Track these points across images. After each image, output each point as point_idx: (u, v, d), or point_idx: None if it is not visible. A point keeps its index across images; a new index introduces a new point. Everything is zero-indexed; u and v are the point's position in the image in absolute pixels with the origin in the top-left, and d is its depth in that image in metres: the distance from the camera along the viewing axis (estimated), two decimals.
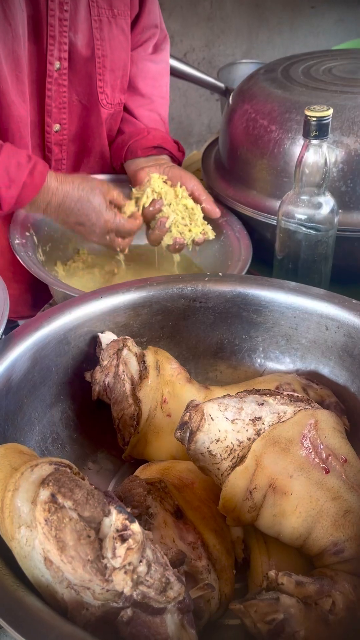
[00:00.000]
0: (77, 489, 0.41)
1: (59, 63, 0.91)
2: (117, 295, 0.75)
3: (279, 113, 0.91)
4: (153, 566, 0.40)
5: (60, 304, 0.73)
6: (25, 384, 0.66)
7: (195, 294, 0.78)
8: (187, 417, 0.53)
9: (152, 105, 1.09)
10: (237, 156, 0.98)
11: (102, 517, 0.41)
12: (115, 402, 0.68)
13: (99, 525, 0.41)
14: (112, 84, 0.99)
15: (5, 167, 0.83)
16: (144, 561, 0.39)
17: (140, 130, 1.04)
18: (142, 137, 1.03)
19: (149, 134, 1.04)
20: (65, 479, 0.42)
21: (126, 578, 0.38)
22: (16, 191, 0.83)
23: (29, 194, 0.85)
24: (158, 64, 1.09)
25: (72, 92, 0.95)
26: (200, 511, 0.54)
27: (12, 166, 0.83)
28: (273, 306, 0.77)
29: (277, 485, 0.51)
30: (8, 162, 0.83)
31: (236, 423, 0.53)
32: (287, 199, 0.82)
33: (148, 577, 0.39)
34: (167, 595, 0.39)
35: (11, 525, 0.41)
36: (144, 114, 1.08)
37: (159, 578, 0.39)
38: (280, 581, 0.48)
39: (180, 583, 0.41)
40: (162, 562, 0.43)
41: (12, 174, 0.83)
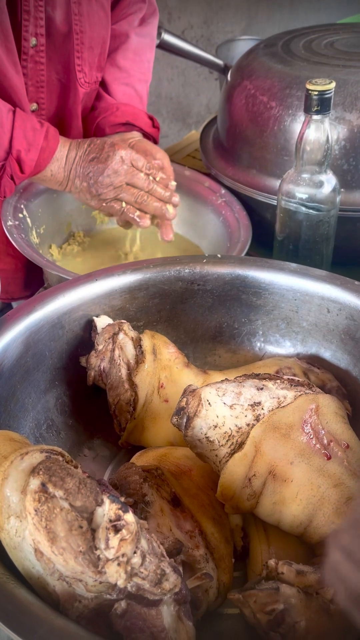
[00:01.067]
0: (69, 478, 0.40)
1: (35, 39, 0.87)
2: (113, 277, 0.73)
3: (279, 89, 0.88)
4: (148, 557, 0.38)
5: (53, 287, 0.71)
6: (18, 369, 0.65)
7: (193, 276, 0.76)
8: (183, 402, 0.51)
9: (128, 79, 1.04)
10: (236, 134, 0.95)
11: (94, 507, 0.39)
12: (111, 387, 0.67)
13: (91, 515, 0.39)
14: (90, 62, 0.95)
15: (22, 131, 0.81)
16: (138, 552, 0.38)
17: (110, 106, 1.00)
18: (110, 113, 0.99)
19: (118, 110, 0.99)
20: (56, 467, 0.40)
21: (119, 570, 0.37)
22: (35, 154, 0.82)
23: (47, 157, 0.84)
24: (142, 38, 1.05)
25: (52, 71, 0.91)
26: (198, 499, 0.53)
27: (28, 130, 0.82)
28: (273, 288, 0.75)
29: (277, 472, 0.49)
30: (24, 126, 0.82)
31: (234, 408, 0.51)
32: (287, 178, 0.80)
33: (142, 569, 0.38)
34: (163, 587, 0.38)
35: (0, 515, 0.40)
36: (119, 88, 1.03)
37: (154, 569, 0.38)
38: (280, 570, 0.46)
39: (176, 574, 0.39)
40: (157, 552, 0.42)
41: (30, 137, 0.82)
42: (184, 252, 1.00)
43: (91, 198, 0.88)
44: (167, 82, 2.16)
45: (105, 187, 0.86)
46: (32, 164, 0.83)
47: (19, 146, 0.81)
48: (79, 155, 0.87)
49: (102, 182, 0.86)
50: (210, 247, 0.97)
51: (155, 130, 1.02)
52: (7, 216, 0.86)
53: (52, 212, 0.97)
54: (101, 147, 0.87)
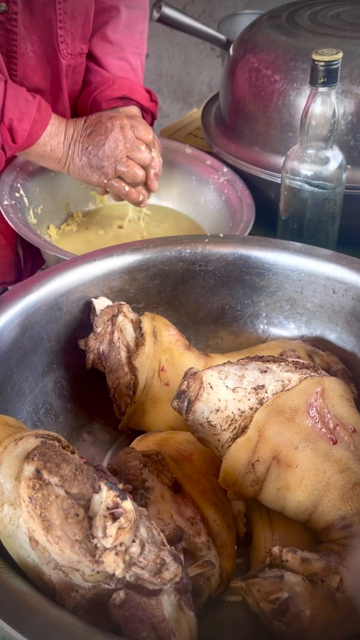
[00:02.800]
0: (65, 464, 0.38)
1: (5, 5, 0.83)
2: (112, 258, 0.71)
3: (283, 61, 0.85)
4: (147, 546, 0.37)
5: (51, 267, 0.69)
6: (15, 352, 0.63)
7: (195, 256, 0.74)
8: (184, 385, 0.49)
9: (122, 53, 1.01)
10: (238, 110, 0.92)
11: (91, 494, 0.38)
12: (110, 370, 0.65)
13: (88, 503, 0.37)
14: (73, 33, 0.91)
15: (15, 100, 0.79)
16: (137, 541, 0.36)
17: (106, 80, 0.97)
18: (107, 87, 0.96)
19: (114, 84, 0.96)
20: (51, 453, 0.39)
21: (117, 560, 0.35)
22: (28, 124, 0.80)
23: (39, 129, 0.82)
24: (132, 10, 1.01)
25: (26, 42, 0.88)
26: (200, 484, 0.51)
27: (20, 100, 0.80)
28: (277, 269, 0.73)
29: (281, 457, 0.48)
30: (16, 96, 0.80)
31: (237, 392, 0.49)
32: (292, 154, 0.77)
33: (141, 558, 0.36)
34: (163, 577, 0.36)
35: None
36: (112, 62, 1.00)
37: (154, 559, 0.36)
38: (284, 558, 0.45)
39: (177, 563, 0.38)
40: (157, 540, 0.40)
41: (22, 107, 0.80)
42: (185, 232, 0.97)
43: (92, 173, 0.85)
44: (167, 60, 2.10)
45: (107, 159, 0.84)
46: (24, 134, 0.80)
47: (11, 115, 0.79)
48: (77, 131, 0.85)
49: (103, 155, 0.83)
50: (212, 227, 0.95)
51: (153, 104, 0.99)
52: (3, 195, 0.84)
53: (50, 192, 0.95)
54: (98, 120, 0.85)
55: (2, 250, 0.99)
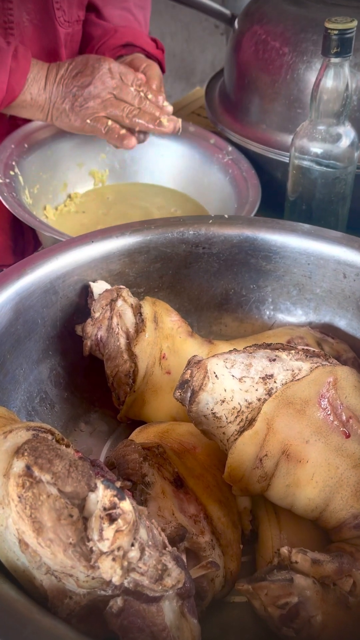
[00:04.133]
0: (57, 460, 0.35)
1: None
2: (111, 239, 0.68)
3: (292, 33, 0.80)
4: (147, 550, 0.34)
5: (46, 249, 0.65)
6: (8, 338, 0.59)
7: (198, 238, 0.70)
8: (188, 374, 0.46)
9: (124, 4, 0.96)
10: (244, 86, 0.88)
11: (87, 493, 0.34)
12: (108, 358, 0.62)
13: (83, 502, 0.34)
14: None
15: None
16: (137, 545, 0.33)
17: (107, 30, 0.91)
18: (109, 37, 0.90)
19: (117, 33, 0.90)
20: (43, 447, 0.35)
21: (115, 565, 0.32)
22: (5, 76, 0.74)
23: (19, 80, 0.76)
24: None
25: (22, 11, 0.83)
26: (203, 479, 0.48)
27: None
28: (285, 252, 0.69)
29: (291, 451, 0.44)
30: None
31: (244, 381, 0.46)
32: (301, 131, 0.73)
33: (141, 564, 0.33)
34: (164, 584, 0.33)
35: None
36: (114, 12, 0.94)
37: (154, 564, 0.33)
38: (294, 559, 0.42)
39: (179, 568, 0.35)
40: (158, 541, 0.37)
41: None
42: (188, 211, 0.93)
43: (75, 116, 0.80)
44: (170, 38, 2.04)
45: (92, 98, 0.78)
46: (3, 87, 0.75)
47: None
48: (60, 75, 0.79)
49: (88, 95, 0.78)
50: (216, 209, 0.91)
51: (160, 52, 0.93)
52: None
53: (47, 170, 0.91)
54: (85, 61, 0.79)
55: None
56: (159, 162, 0.97)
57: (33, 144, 0.88)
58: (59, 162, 0.92)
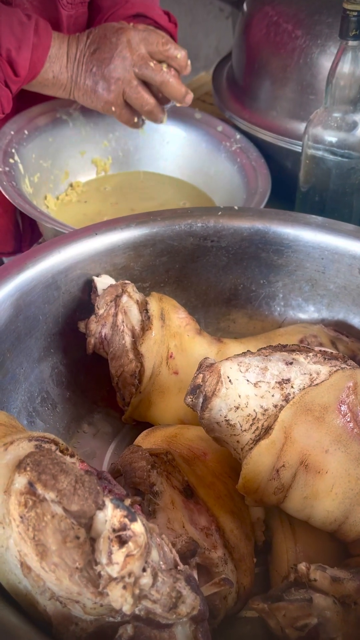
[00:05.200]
0: (62, 475, 0.32)
1: None
2: (115, 232, 0.64)
3: (306, 15, 0.77)
4: (160, 576, 0.31)
5: (47, 242, 0.62)
6: (8, 335, 0.57)
7: (207, 231, 0.67)
8: (199, 379, 0.43)
9: None
10: (254, 70, 0.84)
11: (94, 511, 0.32)
12: (113, 357, 0.59)
13: (90, 521, 0.32)
14: None
15: (9, 26, 0.69)
16: (149, 570, 0.31)
17: (118, 1, 0.87)
18: (119, 7, 0.86)
19: (127, 2, 0.86)
20: (47, 461, 0.33)
21: (125, 594, 0.30)
22: (28, 52, 0.71)
23: (41, 56, 0.72)
24: None
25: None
26: (215, 489, 0.45)
27: (15, 25, 0.70)
28: (297, 246, 0.66)
29: (309, 462, 0.42)
30: (10, 20, 0.70)
31: (260, 386, 0.43)
32: (315, 119, 0.70)
33: (154, 591, 0.30)
34: (178, 612, 0.31)
35: None
36: None
37: (168, 592, 0.31)
38: (312, 576, 0.40)
39: (194, 593, 0.32)
40: (170, 560, 0.35)
41: (18, 33, 0.70)
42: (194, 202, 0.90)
43: (97, 99, 0.76)
44: None
45: (115, 82, 0.75)
46: (26, 64, 0.71)
47: (8, 44, 0.69)
48: (80, 50, 0.75)
49: (109, 75, 0.74)
50: (224, 199, 0.88)
51: (172, 25, 0.88)
52: None
53: (48, 158, 0.87)
54: (102, 34, 0.75)
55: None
56: (163, 150, 0.94)
57: (33, 131, 0.85)
58: (60, 149, 0.89)
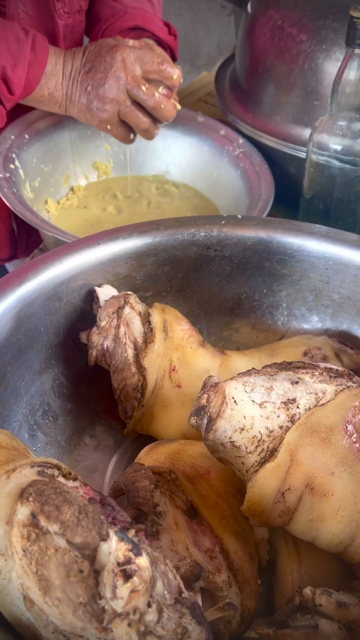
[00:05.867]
0: (66, 506, 0.32)
1: None
2: (117, 241, 0.64)
3: (311, 19, 0.75)
4: (165, 612, 0.30)
5: (48, 252, 0.61)
6: (9, 348, 0.56)
7: (210, 240, 0.66)
8: (204, 399, 0.43)
9: None
10: (257, 74, 0.83)
11: (98, 543, 0.31)
12: (115, 370, 0.58)
13: (94, 552, 0.31)
14: None
15: (5, 42, 0.69)
16: (154, 606, 0.30)
17: (116, 11, 0.86)
18: (117, 18, 0.85)
19: (126, 14, 0.85)
20: (50, 491, 0.32)
21: (130, 631, 0.29)
22: (23, 70, 0.70)
23: (37, 73, 0.72)
24: None
25: (17, 3, 0.78)
26: (218, 509, 0.45)
27: (11, 41, 0.69)
28: (301, 255, 0.66)
29: (315, 485, 0.41)
30: (6, 36, 0.69)
31: (265, 407, 0.43)
32: (320, 126, 0.69)
33: (159, 628, 0.30)
34: None
35: None
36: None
37: (174, 628, 0.30)
38: (318, 601, 0.39)
39: (199, 627, 0.32)
40: (174, 587, 0.34)
41: (14, 50, 0.69)
42: (196, 207, 0.89)
43: (92, 117, 0.76)
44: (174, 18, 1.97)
45: (109, 102, 0.74)
46: (21, 83, 0.70)
47: (4, 62, 0.68)
48: (75, 68, 0.75)
49: (103, 95, 0.74)
50: (226, 204, 0.87)
51: (172, 38, 0.87)
52: None
53: (49, 162, 0.86)
54: (97, 52, 0.74)
55: None
56: (165, 154, 0.93)
57: (34, 135, 0.84)
58: (61, 153, 0.88)
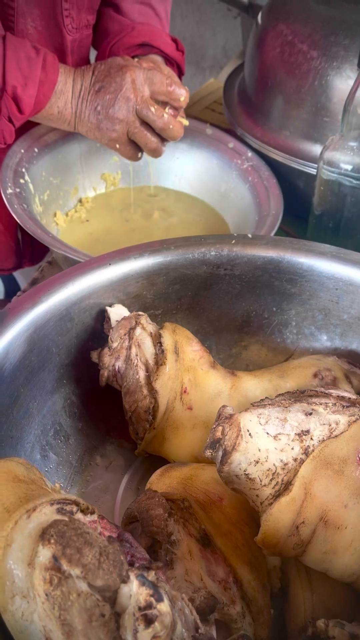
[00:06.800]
0: (87, 548, 0.32)
1: None
2: (129, 261, 0.64)
3: (322, 35, 0.75)
4: None
5: (61, 273, 0.61)
6: (22, 371, 0.56)
7: (220, 259, 0.66)
8: (219, 432, 0.43)
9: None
10: (267, 88, 0.83)
11: (119, 585, 0.32)
12: (127, 391, 0.58)
13: (114, 595, 0.32)
14: (79, 5, 0.81)
15: (16, 61, 0.69)
16: None
17: (124, 27, 0.86)
18: (125, 34, 0.85)
19: (134, 30, 0.85)
20: (71, 532, 0.33)
21: None
22: (34, 89, 0.70)
23: (47, 92, 0.72)
24: None
25: (26, 17, 0.78)
26: (232, 537, 0.45)
27: (22, 60, 0.69)
28: (311, 275, 0.66)
29: (329, 518, 0.42)
30: (17, 55, 0.69)
31: (279, 439, 0.43)
32: (331, 145, 0.69)
33: None
34: None
35: (2, 594, 0.32)
36: (133, 7, 0.88)
37: None
38: (331, 634, 0.40)
39: None
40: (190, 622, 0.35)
41: (25, 69, 0.69)
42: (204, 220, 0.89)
43: (102, 136, 0.76)
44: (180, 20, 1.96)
45: (118, 122, 0.74)
46: (31, 102, 0.71)
47: (14, 81, 0.69)
48: (84, 87, 0.75)
49: (113, 116, 0.74)
50: (235, 218, 0.87)
51: (180, 54, 0.87)
52: (6, 183, 0.76)
53: (57, 175, 0.86)
54: (107, 72, 0.75)
55: (0, 236, 0.92)
56: (173, 166, 0.93)
57: (43, 148, 0.84)
58: (69, 165, 0.88)
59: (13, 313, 0.56)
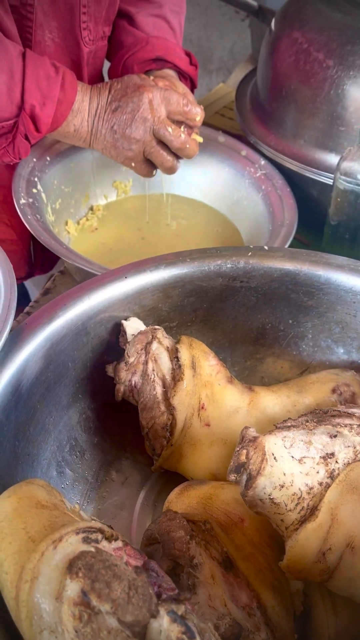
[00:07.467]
0: (116, 582, 0.31)
1: None
2: (144, 274, 0.63)
3: (338, 44, 0.74)
4: None
5: (77, 287, 0.61)
6: (38, 387, 0.56)
7: (236, 272, 0.66)
8: (243, 456, 0.42)
9: (159, 11, 0.89)
10: (281, 97, 0.82)
11: (148, 620, 0.31)
12: (144, 407, 0.58)
13: (144, 630, 0.31)
14: (97, 17, 0.81)
15: (35, 80, 0.68)
16: None
17: (139, 41, 0.85)
18: (139, 48, 0.84)
19: (148, 44, 0.84)
20: (99, 565, 0.32)
21: None
22: (52, 109, 0.70)
23: (64, 111, 0.72)
24: None
25: (44, 29, 0.77)
26: (254, 561, 0.45)
27: (42, 79, 0.69)
28: (329, 288, 0.65)
29: (355, 544, 0.41)
30: (37, 73, 0.68)
31: (304, 463, 0.42)
32: (348, 155, 0.68)
33: None
34: None
35: (30, 628, 0.32)
36: (147, 20, 0.88)
37: None
38: None
39: None
40: None
41: (44, 88, 0.69)
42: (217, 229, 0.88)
43: (117, 155, 0.76)
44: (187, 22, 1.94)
45: (135, 142, 0.74)
46: (48, 121, 0.70)
47: (33, 100, 0.68)
48: (101, 106, 0.74)
49: (130, 135, 0.74)
50: (249, 227, 0.86)
51: (193, 68, 0.87)
52: (19, 193, 0.75)
53: (69, 184, 0.86)
54: (124, 92, 0.74)
55: (13, 245, 0.91)
56: (185, 173, 0.92)
57: (55, 156, 0.83)
58: (81, 174, 0.87)
59: (30, 328, 0.56)
